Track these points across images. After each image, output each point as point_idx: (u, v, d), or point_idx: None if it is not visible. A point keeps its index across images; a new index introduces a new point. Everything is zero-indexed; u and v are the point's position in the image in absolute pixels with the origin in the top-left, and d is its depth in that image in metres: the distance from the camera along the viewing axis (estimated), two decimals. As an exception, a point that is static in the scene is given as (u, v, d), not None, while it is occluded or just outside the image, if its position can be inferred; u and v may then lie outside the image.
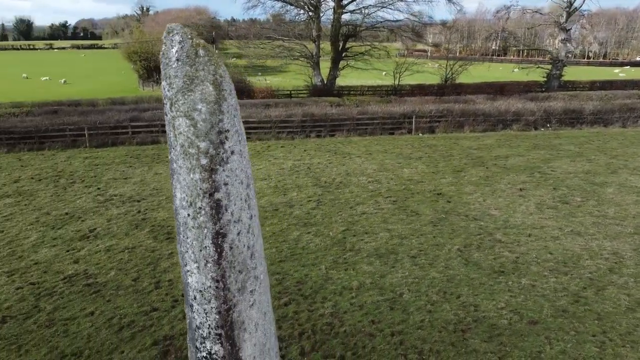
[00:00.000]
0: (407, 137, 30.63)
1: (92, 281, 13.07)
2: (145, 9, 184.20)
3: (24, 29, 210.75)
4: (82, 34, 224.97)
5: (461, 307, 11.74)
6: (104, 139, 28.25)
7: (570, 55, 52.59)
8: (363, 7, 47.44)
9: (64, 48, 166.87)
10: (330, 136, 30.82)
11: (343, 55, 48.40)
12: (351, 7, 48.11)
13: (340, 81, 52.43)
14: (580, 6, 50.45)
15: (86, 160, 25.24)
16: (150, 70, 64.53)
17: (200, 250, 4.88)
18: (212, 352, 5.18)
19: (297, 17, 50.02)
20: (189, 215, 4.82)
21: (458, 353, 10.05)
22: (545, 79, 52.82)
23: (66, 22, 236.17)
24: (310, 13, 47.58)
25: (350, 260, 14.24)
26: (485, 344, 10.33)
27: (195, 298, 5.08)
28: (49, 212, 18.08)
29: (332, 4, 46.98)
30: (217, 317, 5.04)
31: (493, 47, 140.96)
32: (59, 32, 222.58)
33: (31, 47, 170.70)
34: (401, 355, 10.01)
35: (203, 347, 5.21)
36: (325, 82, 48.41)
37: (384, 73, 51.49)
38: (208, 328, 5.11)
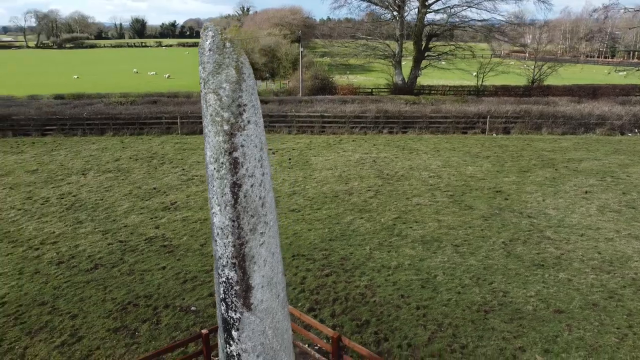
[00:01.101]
0: (479, 137, 30.60)
1: (167, 243, 15.29)
2: (245, 9, 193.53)
3: (139, 28, 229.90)
4: (188, 33, 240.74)
5: (490, 292, 12.38)
6: (193, 127, 31.26)
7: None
8: (448, 6, 47.33)
9: (170, 46, 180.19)
10: (403, 133, 31.58)
11: (425, 54, 48.59)
12: (436, 6, 48.20)
13: (424, 80, 52.61)
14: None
15: (176, 145, 28.27)
16: (243, 67, 68.48)
17: (222, 196, 6.34)
18: (229, 277, 6.64)
19: (381, 17, 50.93)
20: (214, 168, 6.29)
21: (475, 329, 10.81)
22: (646, 82, 49.28)
23: (175, 21, 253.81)
24: (395, 12, 48.33)
25: (395, 244, 15.26)
26: (504, 324, 10.98)
27: (218, 234, 6.56)
28: (141, 186, 20.86)
29: (416, 3, 47.39)
30: (233, 249, 6.49)
31: (600, 49, 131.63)
32: (168, 31, 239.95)
33: (143, 44, 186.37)
34: (421, 325, 10.97)
35: (223, 273, 6.69)
36: (406, 80, 48.91)
37: (474, 74, 50.88)
38: (226, 258, 6.58)
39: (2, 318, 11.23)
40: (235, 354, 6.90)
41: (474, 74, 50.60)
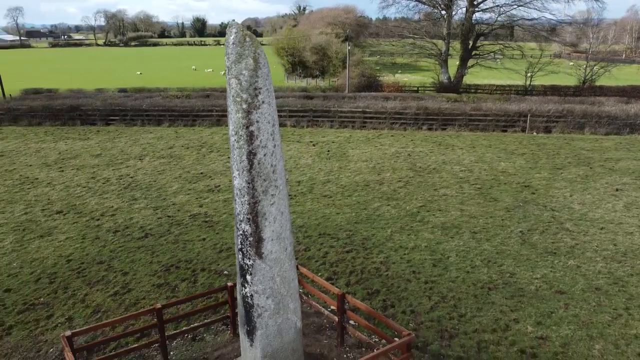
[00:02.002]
0: (518, 135, 30.81)
1: (209, 219, 17.06)
2: (301, 8, 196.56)
3: (199, 27, 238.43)
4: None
5: (497, 273, 13.26)
6: (242, 120, 33.24)
7: None
8: (497, 5, 47.13)
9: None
10: (442, 130, 32.25)
11: (473, 53, 48.59)
12: (484, 5, 48.05)
13: (471, 79, 52.52)
14: None
15: (224, 136, 30.32)
16: (295, 65, 70.50)
17: (240, 163, 7.79)
18: (245, 230, 8.10)
19: (429, 16, 51.34)
20: (235, 139, 7.75)
21: (476, 302, 11.79)
22: None
23: (233, 20, 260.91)
24: (443, 12, 48.65)
25: (415, 229, 16.33)
26: (504, 300, 11.89)
27: (237, 194, 8.02)
28: (189, 171, 22.89)
29: (464, 2, 47.50)
30: (248, 206, 7.93)
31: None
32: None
33: (202, 43, 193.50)
34: (426, 296, 12.08)
35: (240, 227, 8.15)
36: (452, 79, 49.14)
37: (526, 73, 50.20)
38: (243, 214, 8.03)
39: (68, 271, 13.29)
40: (249, 294, 8.35)
41: (529, 74, 49.90)
